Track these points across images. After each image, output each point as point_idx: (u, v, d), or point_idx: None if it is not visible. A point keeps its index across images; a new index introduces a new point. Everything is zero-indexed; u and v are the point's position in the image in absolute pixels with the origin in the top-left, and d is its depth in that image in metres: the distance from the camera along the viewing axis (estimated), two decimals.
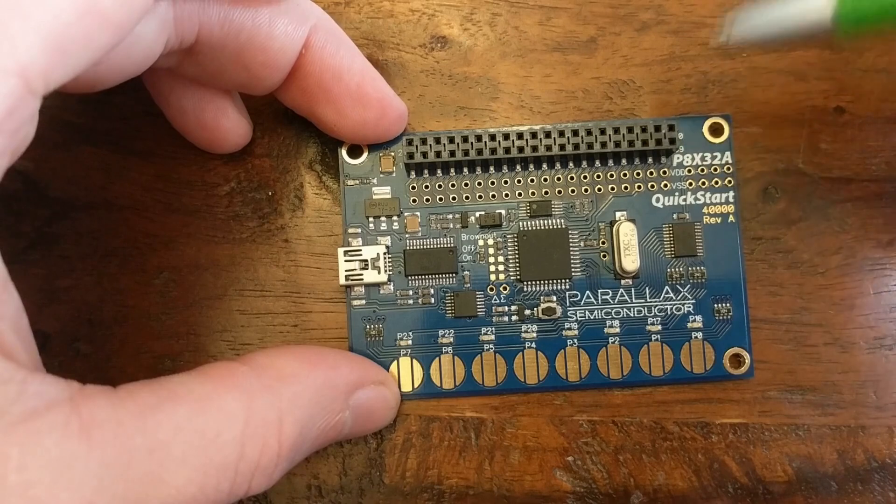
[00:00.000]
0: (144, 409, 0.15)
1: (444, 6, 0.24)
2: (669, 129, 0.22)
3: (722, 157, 0.23)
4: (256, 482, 0.17)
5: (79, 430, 0.14)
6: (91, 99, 0.23)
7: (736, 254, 0.23)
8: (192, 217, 0.23)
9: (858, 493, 0.22)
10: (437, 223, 0.23)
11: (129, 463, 0.14)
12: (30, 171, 0.23)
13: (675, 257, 0.23)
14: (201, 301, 0.23)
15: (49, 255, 0.23)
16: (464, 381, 0.22)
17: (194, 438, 0.15)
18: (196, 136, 0.22)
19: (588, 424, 0.23)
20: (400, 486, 0.22)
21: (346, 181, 0.23)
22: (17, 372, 0.14)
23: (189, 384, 0.16)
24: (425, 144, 0.22)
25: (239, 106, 0.22)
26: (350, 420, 0.20)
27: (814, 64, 0.24)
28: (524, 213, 0.23)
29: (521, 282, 0.23)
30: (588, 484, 0.22)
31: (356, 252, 0.22)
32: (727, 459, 0.23)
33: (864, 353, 0.23)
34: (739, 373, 0.22)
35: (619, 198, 0.23)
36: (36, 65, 0.14)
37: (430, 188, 0.23)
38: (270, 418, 0.17)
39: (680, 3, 0.24)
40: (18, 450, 0.13)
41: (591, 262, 0.23)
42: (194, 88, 0.21)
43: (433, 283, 0.23)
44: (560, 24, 0.24)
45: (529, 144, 0.22)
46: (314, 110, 0.22)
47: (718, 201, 0.23)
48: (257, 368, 0.18)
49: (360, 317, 0.23)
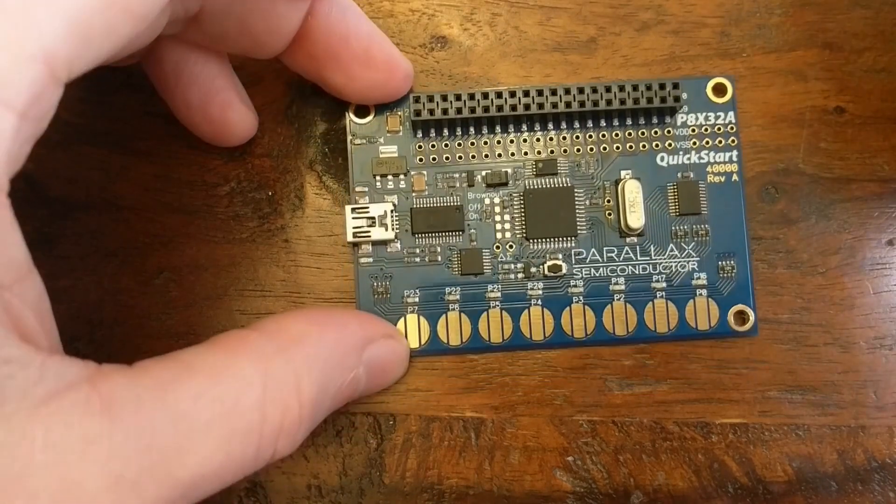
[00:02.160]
0: (162, 383, 0.15)
1: (444, 6, 0.24)
2: (674, 88, 0.22)
3: (725, 116, 0.23)
4: (282, 445, 0.17)
5: (100, 407, 0.14)
6: (91, 99, 0.23)
7: (740, 212, 0.23)
8: (192, 217, 0.23)
9: (858, 493, 0.22)
10: (444, 182, 0.23)
11: (153, 436, 0.14)
12: (30, 171, 0.23)
13: (680, 215, 0.23)
14: (201, 301, 0.23)
15: (49, 255, 0.23)
16: (470, 338, 0.23)
17: (215, 407, 0.16)
18: (203, 130, 0.22)
19: (588, 424, 0.23)
20: (400, 486, 0.22)
21: (354, 140, 0.23)
22: (36, 355, 0.14)
23: (203, 355, 0.17)
24: (432, 102, 0.22)
25: (244, 98, 0.22)
26: (364, 376, 0.20)
27: (814, 64, 0.24)
28: (530, 172, 0.23)
29: (527, 240, 0.23)
30: (588, 484, 0.22)
31: (363, 209, 0.22)
32: (727, 459, 0.23)
33: (864, 353, 0.23)
34: (744, 329, 0.23)
35: (624, 157, 0.23)
36: (61, 52, 0.14)
37: (437, 147, 0.23)
38: (288, 380, 0.17)
39: (680, 3, 0.24)
40: (43, 430, 0.13)
41: (596, 221, 0.23)
42: (201, 81, 0.21)
43: (440, 242, 0.23)
44: (560, 24, 0.24)
45: (536, 102, 0.22)
46: (322, 75, 0.22)
47: (722, 160, 0.23)
48: (268, 333, 0.18)
49: (368, 275, 0.23)
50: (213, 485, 0.16)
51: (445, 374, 0.23)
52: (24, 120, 0.14)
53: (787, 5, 0.24)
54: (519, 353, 0.23)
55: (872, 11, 0.24)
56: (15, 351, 0.14)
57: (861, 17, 0.24)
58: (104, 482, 0.14)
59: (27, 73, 0.14)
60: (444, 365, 0.23)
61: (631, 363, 0.23)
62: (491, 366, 0.23)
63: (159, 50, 0.21)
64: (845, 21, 0.24)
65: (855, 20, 0.24)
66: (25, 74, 0.14)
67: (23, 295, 0.15)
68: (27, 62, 0.14)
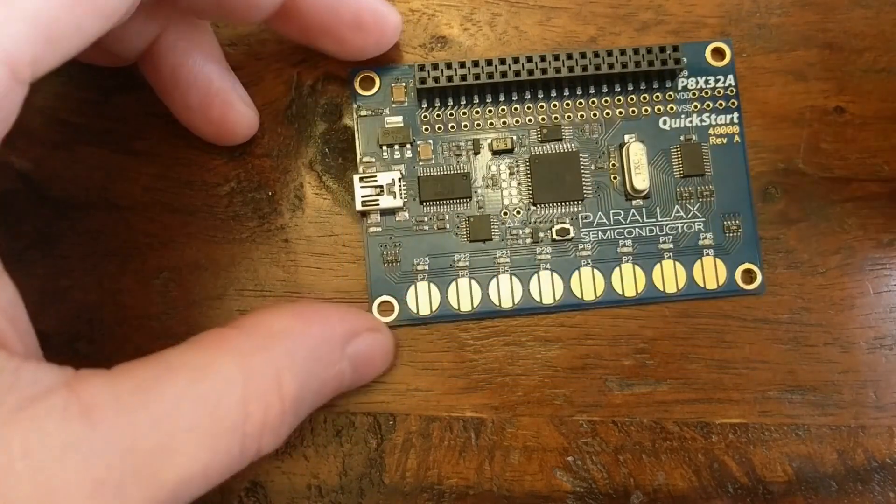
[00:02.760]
0: (142, 385, 0.15)
1: (444, 6, 0.24)
2: (674, 51, 0.23)
3: (725, 80, 0.24)
4: (266, 441, 0.17)
5: (79, 412, 0.14)
6: (91, 99, 0.23)
7: (743, 172, 0.23)
8: (192, 217, 0.23)
9: (858, 493, 0.22)
10: (450, 150, 0.23)
11: (135, 439, 0.14)
12: (30, 171, 0.23)
13: (684, 177, 0.23)
14: (201, 301, 0.23)
15: (49, 255, 0.23)
16: (481, 304, 0.23)
17: (197, 406, 0.15)
18: (204, 131, 0.22)
19: (588, 424, 0.23)
20: (400, 486, 0.22)
21: (359, 111, 0.23)
22: (9, 361, 0.14)
23: (183, 355, 0.16)
24: (437, 70, 0.22)
25: (244, 97, 0.22)
26: (349, 370, 0.20)
27: (814, 64, 0.24)
28: (535, 138, 0.23)
29: (534, 205, 0.23)
30: (588, 484, 0.22)
31: (371, 178, 0.22)
32: (727, 459, 0.23)
33: (864, 353, 0.23)
34: (751, 288, 0.23)
35: (627, 121, 0.24)
36: (23, 54, 0.14)
37: (442, 117, 0.23)
38: (268, 376, 0.17)
39: (680, 3, 0.24)
40: (21, 437, 0.13)
41: (602, 184, 0.23)
42: (199, 84, 0.21)
43: (448, 209, 0.23)
44: (560, 24, 0.24)
45: (539, 68, 0.22)
46: (313, 42, 0.22)
47: (724, 122, 0.24)
48: (248, 330, 0.18)
49: (377, 244, 0.23)
50: (200, 485, 0.16)
51: (445, 374, 0.23)
52: None
53: (787, 5, 0.24)
54: (519, 353, 0.23)
55: (872, 11, 0.24)
56: None
57: (861, 17, 0.24)
58: (86, 488, 0.14)
59: None
60: (444, 365, 0.23)
61: (631, 363, 0.23)
62: (491, 366, 0.23)
63: (156, 53, 0.21)
64: (845, 21, 0.24)
65: (855, 20, 0.24)
66: None
67: None
68: None
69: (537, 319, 0.23)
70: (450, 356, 0.23)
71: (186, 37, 0.21)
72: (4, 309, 0.15)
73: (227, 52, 0.23)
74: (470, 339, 0.23)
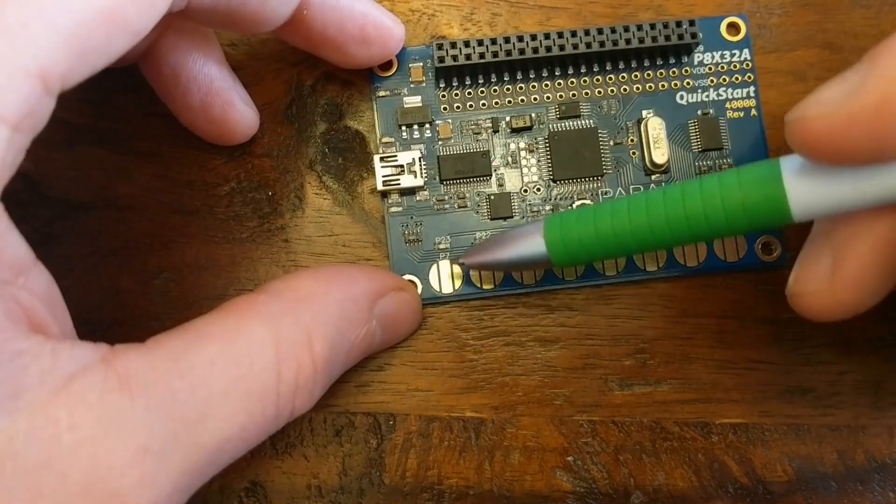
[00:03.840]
0: (176, 353, 0.16)
1: (444, 6, 0.24)
2: (690, 25, 0.23)
3: (741, 54, 0.24)
4: (300, 402, 0.17)
5: (118, 383, 0.14)
6: (91, 99, 0.23)
7: (761, 145, 0.23)
8: (192, 217, 0.23)
9: (858, 493, 0.22)
10: (469, 129, 0.23)
11: (174, 404, 0.15)
12: (30, 171, 0.23)
13: (702, 151, 0.23)
14: (201, 301, 0.23)
15: (49, 255, 0.23)
16: (503, 282, 0.23)
17: (231, 370, 0.16)
18: (204, 131, 0.22)
19: (588, 424, 0.23)
20: (400, 486, 0.22)
21: (378, 92, 0.23)
22: (45, 344, 0.14)
23: (213, 322, 0.17)
24: (455, 48, 0.22)
25: (244, 96, 0.23)
26: (378, 330, 0.20)
27: (814, 64, 0.24)
28: (554, 115, 0.23)
29: (554, 181, 0.23)
30: (588, 484, 0.22)
31: (392, 157, 0.22)
32: (727, 459, 0.23)
33: (864, 353, 0.23)
34: (771, 259, 0.23)
35: (644, 97, 0.24)
36: (56, 67, 0.14)
37: (460, 96, 0.24)
38: (299, 338, 0.17)
39: (680, 3, 0.24)
40: (66, 412, 0.14)
41: (621, 160, 0.23)
42: (199, 84, 0.21)
43: (468, 188, 0.23)
44: (560, 24, 0.24)
45: (557, 44, 0.22)
46: (317, 52, 0.22)
47: (740, 96, 0.24)
48: (276, 294, 0.18)
49: (399, 223, 0.23)
50: (238, 447, 0.16)
51: (445, 374, 0.23)
52: (17, 132, 0.14)
53: (787, 5, 0.24)
54: (519, 353, 0.23)
55: (872, 11, 0.24)
56: (24, 343, 0.14)
57: (861, 17, 0.24)
58: (130, 456, 0.14)
59: (22, 87, 0.14)
60: (444, 365, 0.23)
61: (631, 363, 0.23)
62: (491, 366, 0.23)
63: (157, 54, 0.21)
64: (845, 21, 0.24)
65: (855, 20, 0.24)
66: (20, 89, 0.14)
67: (29, 287, 0.16)
68: (22, 77, 0.14)
69: (537, 319, 0.23)
70: (450, 356, 0.23)
71: (187, 37, 0.21)
72: (42, 296, 0.16)
73: (227, 52, 0.23)
74: (470, 339, 0.23)
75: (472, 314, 0.23)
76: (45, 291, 0.16)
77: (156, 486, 0.14)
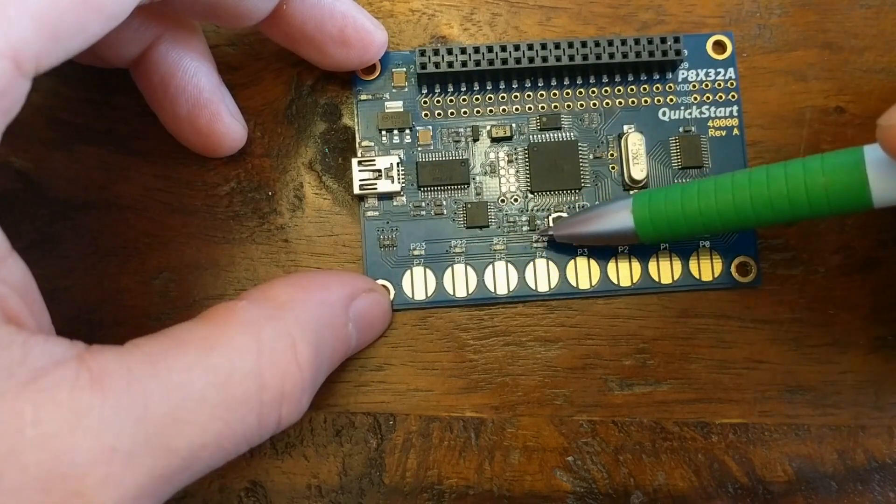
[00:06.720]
0: (153, 357, 0.15)
1: (444, 6, 0.24)
2: (675, 42, 0.23)
3: (725, 72, 0.24)
4: (287, 411, 0.17)
5: (90, 382, 0.14)
6: (91, 99, 0.23)
7: (742, 165, 0.23)
8: (192, 217, 0.23)
9: (858, 493, 0.22)
10: (449, 137, 0.23)
11: (146, 407, 0.15)
12: (30, 171, 0.23)
13: (682, 168, 0.23)
14: (201, 301, 0.23)
15: (49, 255, 0.23)
16: (476, 290, 0.23)
17: (208, 377, 0.16)
18: (192, 142, 0.22)
19: (588, 424, 0.23)
20: (400, 486, 0.22)
21: (359, 95, 0.23)
22: (17, 335, 0.14)
23: (193, 329, 0.17)
24: (438, 56, 0.22)
25: (233, 110, 0.22)
26: (355, 332, 0.20)
27: (814, 64, 0.24)
28: (534, 127, 0.23)
29: (531, 193, 0.23)
30: (588, 484, 0.22)
31: (370, 162, 0.22)
32: (727, 459, 0.23)
33: (864, 353, 0.23)
34: (746, 280, 0.23)
35: (626, 111, 0.24)
36: (29, 49, 0.14)
37: (442, 103, 0.23)
38: (283, 345, 0.17)
39: (680, 3, 0.24)
40: (31, 406, 0.14)
41: (600, 174, 0.23)
42: (188, 94, 0.21)
43: (445, 195, 0.23)
44: (560, 24, 0.24)
45: (540, 56, 0.22)
46: (297, 50, 0.22)
47: (723, 115, 0.24)
48: (256, 301, 0.18)
49: (374, 228, 0.23)
50: (216, 455, 0.16)
51: (445, 374, 0.23)
52: None
53: (787, 5, 0.24)
54: (519, 353, 0.23)
55: (872, 11, 0.24)
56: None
57: (861, 17, 0.24)
58: (96, 454, 0.14)
59: None
60: (444, 365, 0.23)
61: (631, 363, 0.23)
62: (491, 366, 0.23)
63: (148, 61, 0.21)
64: (845, 21, 0.24)
65: (855, 20, 0.24)
66: None
67: (2, 277, 0.15)
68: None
69: (537, 319, 0.23)
70: (450, 356, 0.23)
71: (178, 46, 0.21)
72: (16, 286, 0.16)
73: (227, 52, 0.23)
74: (470, 339, 0.23)
75: (472, 314, 0.23)
76: (19, 283, 0.16)
77: (121, 487, 0.14)
